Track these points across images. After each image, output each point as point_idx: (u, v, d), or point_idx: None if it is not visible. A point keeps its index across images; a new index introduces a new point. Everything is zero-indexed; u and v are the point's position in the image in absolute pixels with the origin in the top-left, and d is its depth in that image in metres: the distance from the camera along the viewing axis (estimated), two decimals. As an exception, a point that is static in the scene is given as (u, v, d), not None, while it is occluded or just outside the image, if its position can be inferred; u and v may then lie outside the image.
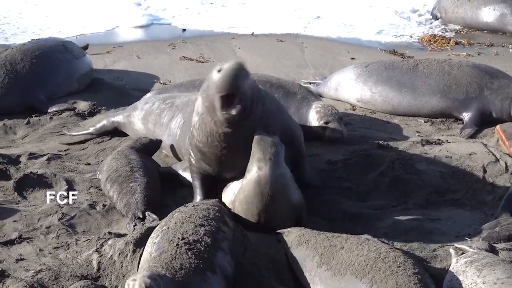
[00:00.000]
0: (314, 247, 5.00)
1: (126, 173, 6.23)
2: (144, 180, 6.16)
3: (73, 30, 12.45)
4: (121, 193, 6.09)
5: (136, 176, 6.21)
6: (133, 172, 6.25)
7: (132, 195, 6.02)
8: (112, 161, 6.54)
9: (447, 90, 8.37)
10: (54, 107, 8.62)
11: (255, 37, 12.51)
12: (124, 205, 6.02)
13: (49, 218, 6.00)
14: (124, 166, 6.35)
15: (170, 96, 7.33)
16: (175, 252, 4.56)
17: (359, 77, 8.88)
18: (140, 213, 5.87)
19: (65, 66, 9.24)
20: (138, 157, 6.54)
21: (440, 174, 6.82)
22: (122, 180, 6.18)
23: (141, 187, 6.08)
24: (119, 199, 6.09)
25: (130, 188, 6.08)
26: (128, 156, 6.53)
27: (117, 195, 6.11)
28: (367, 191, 6.59)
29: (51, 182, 6.61)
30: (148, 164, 6.57)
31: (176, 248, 4.59)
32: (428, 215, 6.17)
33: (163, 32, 12.97)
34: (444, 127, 8.29)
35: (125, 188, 6.10)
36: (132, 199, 6.00)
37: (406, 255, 4.77)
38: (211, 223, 4.98)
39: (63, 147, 7.59)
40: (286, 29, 12.86)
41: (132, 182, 6.14)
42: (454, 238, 5.72)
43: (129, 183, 6.13)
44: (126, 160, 6.44)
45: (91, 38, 11.91)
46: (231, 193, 5.79)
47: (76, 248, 5.47)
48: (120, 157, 6.53)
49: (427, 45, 12.21)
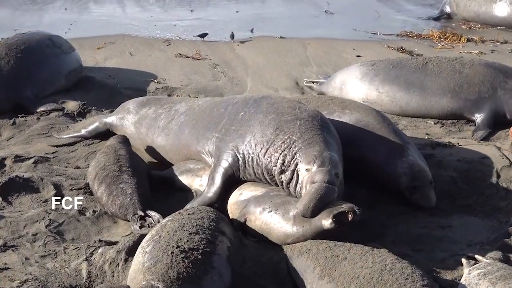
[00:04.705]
0: (315, 257, 4.98)
1: (114, 174, 6.28)
2: (133, 180, 6.23)
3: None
4: (112, 195, 6.12)
5: (124, 176, 6.26)
6: (122, 173, 6.30)
7: (126, 196, 6.06)
8: (100, 155, 6.61)
9: (458, 90, 8.37)
10: (42, 107, 8.61)
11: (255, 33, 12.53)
12: (119, 207, 6.05)
13: (35, 224, 5.99)
14: (112, 164, 6.40)
15: (168, 101, 7.33)
16: (171, 261, 4.57)
17: (365, 76, 8.88)
18: (141, 211, 5.93)
19: (52, 62, 9.23)
20: (127, 152, 6.64)
21: (451, 179, 6.80)
22: (110, 181, 6.22)
23: (132, 187, 6.14)
24: (110, 201, 6.11)
25: (121, 190, 6.12)
26: (117, 152, 6.60)
27: (107, 197, 6.14)
28: (373, 197, 6.57)
29: (38, 187, 6.59)
30: (137, 160, 6.66)
31: (172, 257, 4.60)
32: (438, 222, 6.15)
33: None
34: (455, 129, 8.28)
35: (115, 190, 6.14)
36: (127, 200, 6.03)
37: (414, 266, 4.75)
38: (206, 231, 5.00)
39: (51, 149, 7.58)
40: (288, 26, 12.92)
41: (121, 183, 6.18)
42: (465, 247, 5.71)
43: (119, 184, 6.17)
44: (115, 157, 6.51)
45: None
46: (238, 193, 5.95)
47: (65, 257, 5.45)
48: (109, 152, 6.60)
49: (437, 42, 12.21)
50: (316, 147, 5.67)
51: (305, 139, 5.76)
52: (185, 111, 6.91)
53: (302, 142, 5.75)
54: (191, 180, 6.48)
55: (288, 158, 5.74)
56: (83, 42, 11.57)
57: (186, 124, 6.72)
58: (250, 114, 6.21)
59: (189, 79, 10.22)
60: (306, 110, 6.11)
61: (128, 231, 5.88)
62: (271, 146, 5.86)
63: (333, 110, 7.02)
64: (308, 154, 5.62)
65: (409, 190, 6.43)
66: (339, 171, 5.60)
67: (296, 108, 6.12)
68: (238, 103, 6.45)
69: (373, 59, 9.80)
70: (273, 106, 6.16)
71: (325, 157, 5.56)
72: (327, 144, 5.74)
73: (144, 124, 7.16)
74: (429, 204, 6.42)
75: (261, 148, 5.91)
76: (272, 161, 5.81)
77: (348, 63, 10.28)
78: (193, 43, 11.82)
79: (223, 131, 6.29)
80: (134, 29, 13.00)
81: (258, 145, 5.94)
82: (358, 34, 12.77)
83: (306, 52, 11.50)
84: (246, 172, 6.01)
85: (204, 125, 6.53)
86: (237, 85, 10.11)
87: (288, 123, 5.94)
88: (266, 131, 5.95)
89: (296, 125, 5.89)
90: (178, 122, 6.83)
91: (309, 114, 6.05)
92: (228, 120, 6.34)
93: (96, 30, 12.91)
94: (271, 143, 5.87)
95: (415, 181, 6.42)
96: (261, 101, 6.31)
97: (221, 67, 10.80)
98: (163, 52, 11.34)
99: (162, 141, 6.93)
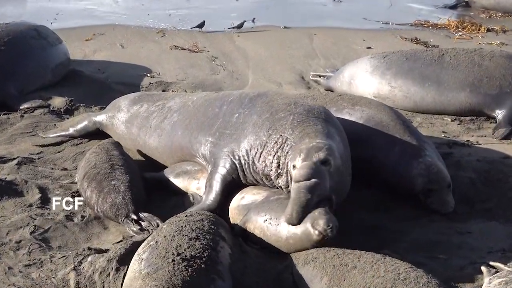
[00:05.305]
0: (322, 266, 4.98)
1: (106, 171, 6.30)
2: (127, 177, 6.25)
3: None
4: (103, 192, 6.14)
5: (117, 173, 6.28)
6: (114, 170, 6.33)
7: (118, 193, 6.08)
8: (91, 155, 6.62)
9: (477, 84, 8.38)
10: (26, 103, 8.62)
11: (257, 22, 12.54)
12: (110, 205, 6.06)
13: (19, 231, 5.99)
14: (104, 162, 6.42)
15: (161, 97, 7.33)
16: (173, 269, 4.57)
17: (376, 69, 8.89)
18: (133, 214, 5.95)
19: (38, 54, 9.24)
20: (120, 153, 6.65)
21: (470, 180, 6.81)
22: (101, 178, 6.24)
23: (125, 185, 6.15)
24: (101, 199, 6.12)
25: (113, 187, 6.15)
26: (110, 152, 6.61)
27: (98, 195, 6.15)
28: (385, 200, 6.58)
29: (21, 190, 6.60)
30: (131, 161, 6.68)
31: (173, 265, 4.61)
32: (455, 228, 6.16)
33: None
34: (474, 126, 8.28)
35: (106, 186, 6.16)
36: (119, 198, 6.06)
37: (429, 275, 4.75)
38: (207, 236, 4.99)
39: (36, 150, 7.59)
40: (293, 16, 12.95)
41: (114, 180, 6.20)
42: (486, 254, 5.70)
43: (111, 181, 6.19)
44: (107, 156, 6.52)
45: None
46: (239, 197, 5.97)
47: (51, 266, 5.46)
48: (101, 152, 6.62)
49: (455, 32, 12.21)
50: (305, 140, 5.57)
51: (296, 135, 5.68)
52: (178, 108, 6.92)
53: (294, 138, 5.68)
54: (188, 183, 6.49)
55: (282, 160, 5.70)
56: (71, 33, 11.59)
57: (179, 124, 6.74)
58: (245, 116, 6.19)
59: (185, 73, 10.23)
60: (302, 104, 6.03)
61: (119, 237, 5.88)
62: (264, 149, 5.84)
63: (342, 106, 7.00)
64: (296, 149, 5.55)
65: (424, 193, 6.43)
66: (330, 157, 5.41)
67: (291, 103, 6.05)
68: (233, 103, 6.44)
69: (385, 50, 9.81)
70: (267, 105, 6.13)
71: (311, 147, 5.44)
72: (320, 133, 5.63)
73: (136, 123, 7.17)
74: (447, 208, 6.42)
75: (255, 152, 5.89)
76: (267, 165, 5.78)
77: (358, 55, 10.29)
78: (190, 33, 11.83)
79: (217, 135, 6.29)
80: (126, 19, 13.03)
81: (252, 149, 5.93)
82: (369, 24, 12.79)
83: (312, 44, 11.51)
84: (247, 178, 6.01)
85: (198, 126, 6.54)
86: (237, 79, 10.12)
87: (280, 121, 5.87)
88: (259, 133, 5.92)
89: (288, 121, 5.82)
90: (171, 121, 6.84)
91: (305, 108, 5.96)
92: (222, 122, 6.34)
93: (85, 20, 12.94)
94: (264, 146, 5.84)
95: (432, 184, 6.41)
96: (256, 100, 6.29)
97: (220, 60, 10.81)
98: (157, 43, 11.35)
99: (154, 143, 6.94)
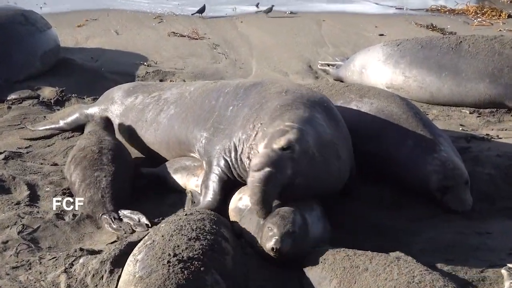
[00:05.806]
0: (331, 268, 4.99)
1: (92, 156, 6.42)
2: (111, 168, 6.33)
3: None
4: (84, 183, 6.23)
5: (103, 161, 6.38)
6: (101, 156, 6.43)
7: (97, 190, 6.16)
8: (82, 139, 6.80)
9: (497, 74, 8.37)
10: (13, 94, 8.63)
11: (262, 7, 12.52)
12: (88, 201, 6.15)
13: (6, 231, 5.99)
14: (92, 145, 6.56)
15: (157, 88, 7.34)
16: (167, 272, 4.56)
17: (389, 57, 8.88)
18: (113, 213, 6.02)
19: (26, 41, 9.25)
20: (113, 139, 6.82)
21: (489, 177, 6.81)
22: (86, 164, 6.34)
23: (108, 180, 6.22)
24: (81, 190, 6.22)
25: (95, 179, 6.23)
26: (101, 137, 6.76)
27: (79, 184, 6.26)
28: (399, 199, 6.57)
29: (9, 187, 6.61)
30: (122, 148, 6.80)
31: (168, 267, 4.60)
32: (474, 228, 6.15)
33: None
34: (494, 119, 8.27)
35: (88, 177, 6.25)
36: (97, 196, 6.13)
37: (446, 278, 4.75)
38: (208, 237, 4.99)
39: (24, 143, 7.60)
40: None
41: (97, 171, 6.29)
42: (506, 256, 5.70)
43: (94, 171, 6.28)
44: (97, 139, 6.67)
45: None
46: (237, 198, 5.94)
47: (40, 268, 5.46)
48: (92, 136, 6.77)
49: (473, 18, 12.19)
50: (275, 122, 5.46)
51: (268, 118, 5.61)
52: (175, 100, 6.94)
53: (266, 122, 5.60)
54: (187, 179, 6.50)
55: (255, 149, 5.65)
56: (61, 18, 11.60)
57: (176, 117, 6.77)
58: (238, 109, 6.18)
59: (184, 61, 10.24)
60: (294, 92, 5.91)
61: (113, 237, 5.88)
62: (247, 144, 5.79)
63: (350, 99, 6.97)
64: (265, 133, 5.47)
65: (440, 191, 6.42)
66: (295, 141, 5.26)
67: (283, 91, 5.95)
68: (229, 94, 6.45)
69: (399, 38, 9.80)
70: (260, 95, 6.08)
71: (276, 131, 5.34)
72: (295, 116, 5.48)
73: (131, 117, 7.19)
74: (464, 207, 6.41)
75: (242, 148, 5.87)
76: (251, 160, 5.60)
77: (370, 43, 10.28)
78: (189, 19, 11.82)
79: (211, 130, 6.32)
80: (120, 3, 13.03)
81: (239, 145, 5.91)
82: (381, 9, 12.77)
83: (321, 30, 11.50)
84: (242, 177, 6.00)
85: (194, 120, 6.57)
86: (240, 68, 10.12)
87: (264, 110, 5.79)
88: (246, 126, 5.88)
89: (270, 109, 5.72)
90: (167, 114, 6.87)
91: (295, 95, 5.85)
92: (217, 116, 6.36)
93: (76, 4, 12.95)
94: (248, 140, 5.79)
95: (448, 180, 6.41)
96: (250, 91, 6.26)
97: (221, 48, 10.81)
98: (154, 30, 11.35)
99: (151, 137, 6.97)
